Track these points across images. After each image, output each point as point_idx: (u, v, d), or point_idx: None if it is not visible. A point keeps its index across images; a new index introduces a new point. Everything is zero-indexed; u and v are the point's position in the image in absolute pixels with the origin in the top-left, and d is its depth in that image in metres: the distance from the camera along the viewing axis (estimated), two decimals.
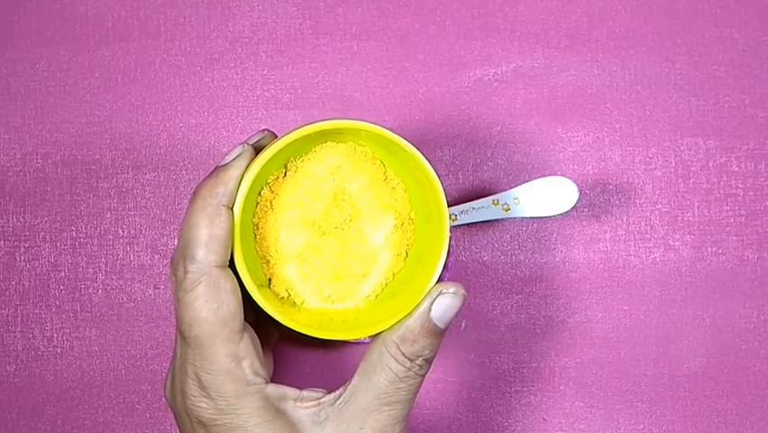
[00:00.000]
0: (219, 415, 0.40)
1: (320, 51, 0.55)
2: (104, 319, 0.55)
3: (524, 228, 0.55)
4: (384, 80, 0.55)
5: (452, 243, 0.52)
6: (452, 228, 0.52)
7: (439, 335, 0.41)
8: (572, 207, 0.49)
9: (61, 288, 0.55)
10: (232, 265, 0.40)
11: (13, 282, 0.55)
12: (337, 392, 0.41)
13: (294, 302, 0.43)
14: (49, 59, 0.55)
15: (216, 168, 0.41)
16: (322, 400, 0.41)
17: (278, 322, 0.41)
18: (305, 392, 0.41)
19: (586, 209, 0.55)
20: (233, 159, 0.41)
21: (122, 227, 0.55)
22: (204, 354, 0.39)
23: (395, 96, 0.55)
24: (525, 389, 0.55)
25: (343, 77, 0.55)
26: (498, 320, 0.55)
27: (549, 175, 0.54)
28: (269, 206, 0.43)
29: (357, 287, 0.44)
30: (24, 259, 0.55)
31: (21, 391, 0.55)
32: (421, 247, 0.44)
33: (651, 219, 0.55)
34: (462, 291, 0.41)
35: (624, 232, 0.55)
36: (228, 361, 0.39)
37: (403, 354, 0.40)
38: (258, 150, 0.41)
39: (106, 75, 0.55)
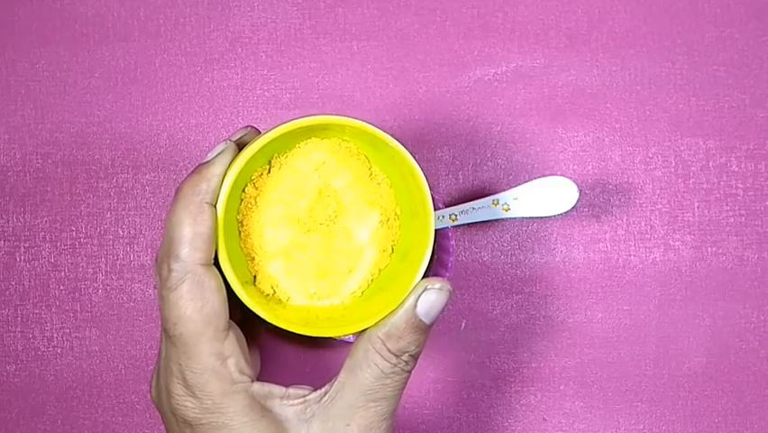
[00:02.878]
0: (204, 414, 0.40)
1: (320, 51, 0.55)
2: (104, 319, 0.55)
3: (524, 228, 0.55)
4: (384, 80, 0.55)
5: (452, 243, 0.52)
6: (452, 228, 0.52)
7: (425, 330, 0.41)
8: (572, 207, 0.48)
9: (61, 288, 0.55)
10: (217, 263, 0.40)
11: (13, 282, 0.55)
12: (323, 389, 0.41)
13: (279, 299, 0.43)
14: (49, 59, 0.55)
15: (199, 165, 0.40)
16: (308, 398, 0.41)
17: (263, 319, 0.41)
18: (291, 390, 0.41)
19: (586, 209, 0.55)
20: (216, 156, 0.40)
21: (122, 227, 0.55)
22: (188, 353, 0.39)
23: (395, 96, 0.55)
24: (525, 389, 0.55)
25: (343, 77, 0.55)
26: (498, 320, 0.55)
27: (549, 175, 0.54)
28: (253, 202, 0.43)
29: (343, 283, 0.44)
30: (24, 259, 0.55)
31: (21, 391, 0.55)
32: (407, 243, 0.44)
33: (651, 219, 0.55)
34: (448, 287, 0.41)
35: (624, 232, 0.55)
36: (213, 359, 0.39)
37: (389, 350, 0.40)
38: (241, 146, 0.41)
39: (106, 75, 0.55)
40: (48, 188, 0.55)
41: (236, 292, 0.40)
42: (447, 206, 0.51)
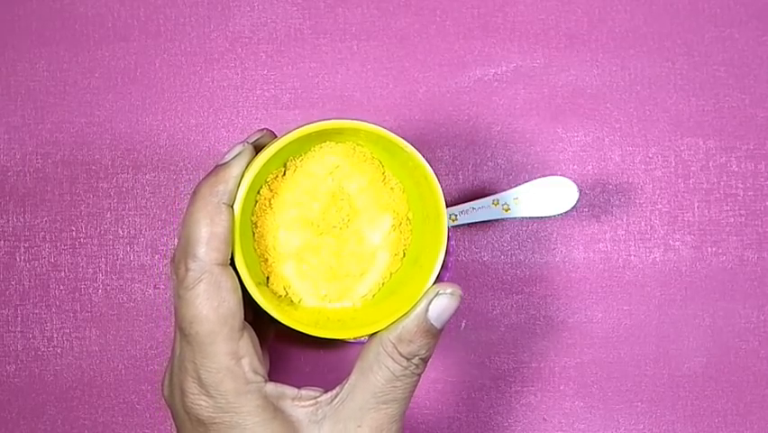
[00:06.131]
0: (218, 413, 0.40)
1: (320, 51, 0.55)
2: (104, 319, 0.55)
3: (524, 228, 0.55)
4: (384, 80, 0.55)
5: (452, 243, 0.52)
6: (452, 228, 0.52)
7: (435, 335, 0.41)
8: (572, 207, 0.49)
9: (61, 288, 0.55)
10: (232, 263, 0.40)
11: (13, 282, 0.55)
12: (334, 391, 0.41)
13: (291, 300, 0.43)
14: (49, 59, 0.55)
15: (217, 166, 0.41)
16: (319, 399, 0.41)
17: (275, 320, 0.41)
18: (303, 391, 0.41)
19: (586, 209, 0.55)
20: (234, 157, 0.41)
21: (122, 227, 0.55)
22: (204, 352, 0.39)
23: (395, 96, 0.55)
24: (525, 389, 0.55)
25: (343, 77, 0.55)
26: (498, 320, 0.55)
27: (549, 175, 0.54)
28: (267, 204, 0.43)
29: (354, 286, 0.44)
30: (24, 259, 0.55)
31: (21, 391, 0.55)
32: (418, 247, 0.44)
33: (651, 219, 0.55)
34: (459, 292, 0.41)
35: (624, 232, 0.55)
36: (228, 359, 0.39)
37: (400, 353, 0.40)
38: (257, 148, 0.42)
39: (106, 75, 0.55)
40: (48, 188, 0.55)
41: (250, 292, 0.40)
42: (447, 206, 0.51)
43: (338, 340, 0.52)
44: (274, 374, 0.50)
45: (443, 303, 0.41)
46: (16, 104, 0.55)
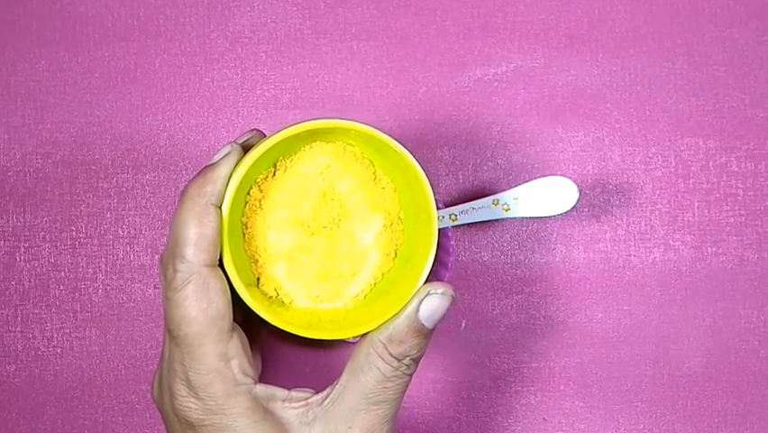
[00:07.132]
0: (207, 415, 0.40)
1: (320, 51, 0.55)
2: (104, 319, 0.55)
3: (524, 228, 0.55)
4: (384, 80, 0.55)
5: (453, 243, 0.52)
6: (452, 228, 0.52)
7: (426, 335, 0.41)
8: (572, 207, 0.48)
9: (61, 288, 0.55)
10: (221, 265, 0.40)
11: (13, 282, 0.55)
12: (325, 392, 0.41)
13: (282, 301, 0.43)
14: (49, 59, 0.55)
15: (205, 167, 0.41)
16: (310, 401, 0.41)
17: (266, 321, 0.41)
18: (293, 393, 0.41)
19: (586, 209, 0.55)
20: (222, 158, 0.40)
21: (122, 227, 0.55)
22: (192, 354, 0.39)
23: (395, 96, 0.55)
24: (525, 389, 0.55)
25: (343, 77, 0.55)
26: (498, 320, 0.55)
27: (549, 175, 0.54)
28: (257, 205, 0.43)
29: (346, 287, 0.44)
30: (24, 259, 0.55)
31: (21, 391, 0.55)
32: (410, 247, 0.44)
33: (651, 219, 0.55)
34: (451, 292, 0.41)
35: (624, 232, 0.55)
36: (217, 361, 0.39)
37: (390, 353, 0.40)
38: (246, 149, 0.41)
39: (106, 75, 0.55)
40: (48, 188, 0.55)
41: (239, 294, 0.40)
42: (447, 206, 0.51)
43: (335, 340, 0.52)
44: (273, 374, 0.51)
45: (434, 303, 0.40)
46: (16, 104, 0.55)
